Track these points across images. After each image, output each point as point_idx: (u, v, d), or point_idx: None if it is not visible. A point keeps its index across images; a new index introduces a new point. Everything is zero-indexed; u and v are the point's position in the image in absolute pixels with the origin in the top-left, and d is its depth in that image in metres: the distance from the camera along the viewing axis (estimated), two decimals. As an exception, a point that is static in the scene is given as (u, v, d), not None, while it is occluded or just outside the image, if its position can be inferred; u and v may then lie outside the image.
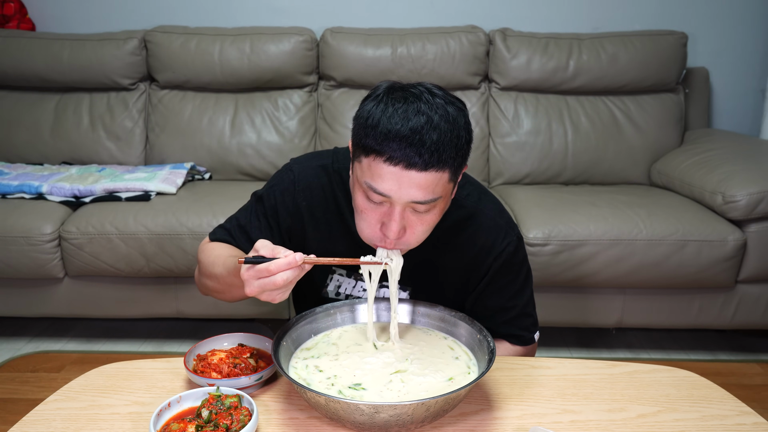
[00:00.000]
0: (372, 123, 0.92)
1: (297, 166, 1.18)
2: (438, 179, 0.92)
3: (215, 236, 1.22)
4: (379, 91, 0.96)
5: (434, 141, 0.90)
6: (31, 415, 0.95)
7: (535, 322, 1.22)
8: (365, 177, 0.95)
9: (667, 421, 0.96)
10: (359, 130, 0.95)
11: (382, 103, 0.93)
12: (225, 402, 0.89)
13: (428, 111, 0.91)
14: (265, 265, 0.89)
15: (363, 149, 0.94)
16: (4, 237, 2.06)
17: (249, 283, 0.91)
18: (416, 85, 0.96)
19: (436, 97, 0.93)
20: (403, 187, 0.92)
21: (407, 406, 0.82)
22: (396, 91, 0.95)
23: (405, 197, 0.93)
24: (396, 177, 0.91)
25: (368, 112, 0.93)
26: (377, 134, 0.91)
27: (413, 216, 0.96)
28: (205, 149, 2.58)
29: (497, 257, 1.13)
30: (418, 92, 0.93)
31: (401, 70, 2.58)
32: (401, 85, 0.96)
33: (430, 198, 0.94)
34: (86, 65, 2.58)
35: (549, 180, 2.60)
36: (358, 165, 0.96)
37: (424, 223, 0.98)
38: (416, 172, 0.90)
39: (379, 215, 0.97)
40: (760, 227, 2.06)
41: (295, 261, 0.89)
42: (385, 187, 0.93)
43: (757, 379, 2.13)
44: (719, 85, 2.86)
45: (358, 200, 0.99)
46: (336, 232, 1.16)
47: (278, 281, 0.89)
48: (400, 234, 0.97)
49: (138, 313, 2.23)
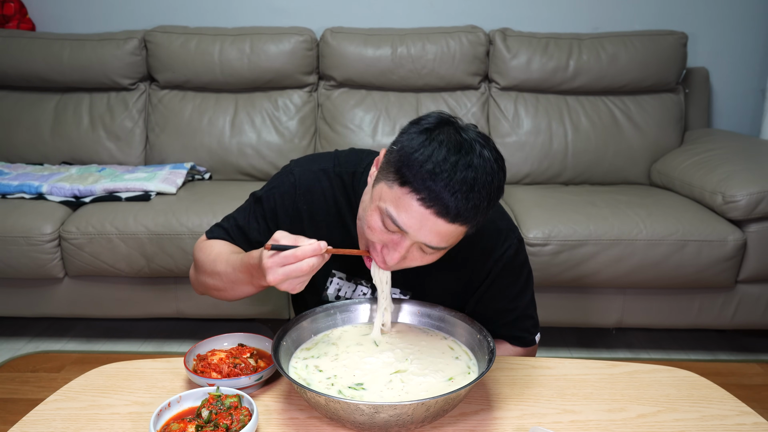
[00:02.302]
0: (419, 158, 0.88)
1: (298, 169, 1.18)
2: (459, 232, 0.92)
3: (212, 235, 1.21)
4: (431, 124, 0.93)
5: (474, 200, 0.88)
6: (31, 415, 0.95)
7: (536, 324, 1.22)
8: (389, 203, 0.92)
9: (667, 421, 0.96)
10: (402, 157, 0.91)
11: (435, 141, 0.89)
12: (225, 402, 0.89)
13: (479, 166, 0.88)
14: (291, 251, 0.90)
15: (399, 177, 0.90)
16: (4, 237, 2.06)
17: (272, 270, 0.91)
18: (467, 129, 0.93)
19: (485, 148, 0.90)
20: (423, 230, 0.91)
21: (407, 406, 0.82)
22: (448, 129, 0.91)
23: (420, 238, 0.92)
24: (421, 218, 0.90)
25: (419, 144, 0.90)
26: (422, 171, 0.88)
27: (417, 252, 0.96)
28: (205, 149, 2.58)
29: (498, 261, 1.13)
30: (470, 139, 0.90)
31: (401, 70, 2.58)
32: (454, 125, 0.93)
33: (443, 245, 0.94)
34: (86, 65, 2.58)
35: (549, 180, 2.60)
36: (387, 187, 0.93)
37: (423, 260, 0.98)
38: (443, 221, 0.89)
39: (386, 239, 0.96)
40: (760, 227, 2.06)
41: (320, 248, 0.90)
42: (406, 222, 0.91)
43: (757, 379, 2.13)
44: (719, 85, 2.86)
45: (372, 219, 0.96)
46: (336, 236, 1.16)
47: (304, 267, 0.90)
48: (398, 262, 0.97)
49: (138, 313, 2.23)
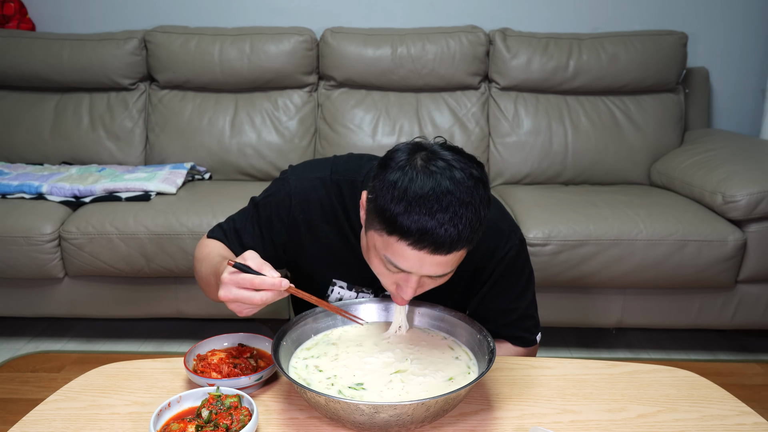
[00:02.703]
0: (396, 203, 0.87)
1: (294, 178, 1.17)
2: (459, 256, 0.93)
3: (212, 234, 1.22)
4: (401, 162, 0.91)
5: (461, 225, 0.87)
6: (31, 415, 0.95)
7: (536, 324, 1.22)
8: (385, 252, 0.93)
9: (667, 421, 0.96)
10: (381, 204, 0.90)
11: (406, 178, 0.88)
12: (225, 402, 0.89)
13: (454, 191, 0.87)
14: (250, 276, 0.89)
15: (385, 226, 0.90)
16: (4, 237, 2.06)
17: (227, 287, 0.90)
18: (436, 156, 0.90)
19: (455, 170, 0.89)
20: (425, 267, 0.91)
21: (407, 406, 0.82)
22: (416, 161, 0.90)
23: (425, 273, 0.93)
24: (419, 259, 0.90)
25: (392, 187, 0.88)
26: (403, 217, 0.87)
27: (428, 280, 0.97)
28: (205, 149, 2.58)
29: (500, 262, 1.13)
30: (439, 168, 0.88)
31: (401, 70, 2.58)
32: (421, 154, 0.91)
33: (449, 271, 0.95)
34: (86, 65, 2.58)
35: (549, 180, 2.60)
36: (378, 237, 0.93)
37: (437, 283, 0.99)
38: (440, 256, 0.90)
39: (395, 278, 0.98)
40: (760, 227, 2.06)
41: (279, 285, 0.89)
42: (407, 266, 0.92)
43: (757, 379, 2.13)
44: (719, 85, 2.86)
45: (374, 264, 0.98)
46: (336, 245, 1.16)
47: (255, 299, 0.89)
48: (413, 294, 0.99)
49: (138, 313, 2.23)
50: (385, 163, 0.93)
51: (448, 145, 0.94)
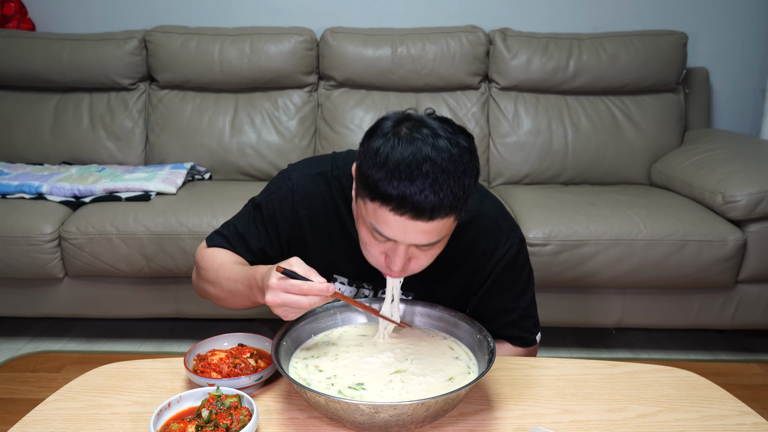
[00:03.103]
0: (378, 169, 0.89)
1: (295, 174, 1.17)
2: (444, 224, 0.92)
3: (213, 243, 1.21)
4: (386, 129, 0.92)
5: (442, 192, 0.88)
6: (31, 415, 0.95)
7: (536, 324, 1.22)
8: (370, 219, 0.94)
9: (667, 421, 0.96)
10: (366, 170, 0.91)
11: (388, 145, 0.89)
12: (225, 402, 0.89)
13: (435, 158, 0.88)
14: (300, 283, 0.91)
15: (369, 193, 0.91)
16: (4, 237, 2.06)
17: (274, 292, 0.92)
18: (421, 124, 0.91)
19: (439, 138, 0.89)
20: (409, 234, 0.92)
21: (407, 406, 0.82)
22: (402, 129, 0.91)
23: (410, 241, 0.93)
24: (402, 225, 0.90)
25: (375, 154, 0.90)
26: (384, 183, 0.88)
27: (417, 251, 0.97)
28: (205, 149, 2.58)
29: (500, 260, 1.13)
30: (423, 136, 0.89)
31: (401, 70, 2.58)
32: (407, 123, 0.92)
33: (435, 240, 0.94)
34: (86, 65, 2.58)
35: (549, 180, 2.60)
36: (363, 204, 0.94)
37: (427, 256, 0.99)
38: (423, 222, 0.90)
39: (384, 248, 0.97)
40: (760, 227, 2.06)
41: (327, 290, 0.91)
42: (391, 233, 0.92)
43: (757, 379, 2.13)
44: (719, 85, 2.86)
45: (362, 234, 0.99)
46: (337, 240, 1.16)
47: (304, 302, 0.91)
48: (404, 266, 0.98)
49: (138, 313, 2.23)
50: (372, 131, 0.95)
51: (436, 115, 0.95)
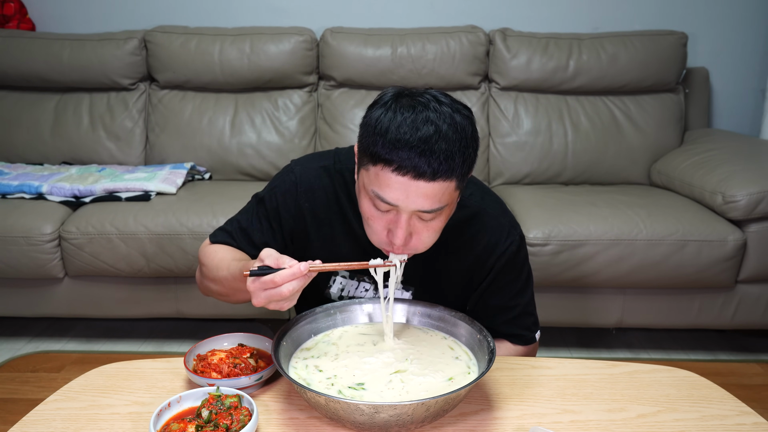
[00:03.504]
0: (380, 132, 0.91)
1: (298, 167, 1.18)
2: (445, 188, 0.93)
3: (216, 239, 1.21)
4: (387, 98, 0.95)
5: (442, 151, 0.89)
6: (31, 415, 0.95)
7: (536, 322, 1.23)
8: (372, 185, 0.95)
9: (667, 421, 0.96)
10: (367, 138, 0.94)
11: (390, 111, 0.92)
12: (225, 402, 0.89)
13: (436, 120, 0.90)
14: (269, 276, 0.90)
15: (370, 157, 0.93)
16: (4, 237, 2.06)
17: (256, 294, 0.91)
18: (423, 92, 0.95)
19: (443, 104, 0.92)
20: (411, 197, 0.92)
21: (407, 406, 0.82)
22: (403, 98, 0.94)
23: (412, 206, 0.93)
24: (404, 187, 0.91)
25: (376, 120, 0.93)
26: (385, 144, 0.90)
27: (419, 223, 0.97)
28: (205, 149, 2.58)
29: (500, 257, 1.13)
30: (425, 100, 0.92)
31: (401, 70, 2.58)
32: (409, 92, 0.96)
33: (436, 207, 0.94)
34: (86, 65, 2.58)
35: (549, 180, 2.60)
36: (365, 172, 0.96)
37: (430, 230, 0.98)
38: (424, 182, 0.90)
39: (386, 222, 0.97)
40: (760, 227, 2.06)
41: (300, 271, 0.90)
42: (393, 196, 0.93)
43: (757, 379, 2.13)
44: (719, 85, 2.86)
45: (365, 207, 0.99)
46: (339, 234, 1.16)
47: (284, 292, 0.90)
48: (406, 240, 0.98)
49: (138, 313, 2.23)
50: (372, 104, 0.97)
51: (438, 90, 0.97)
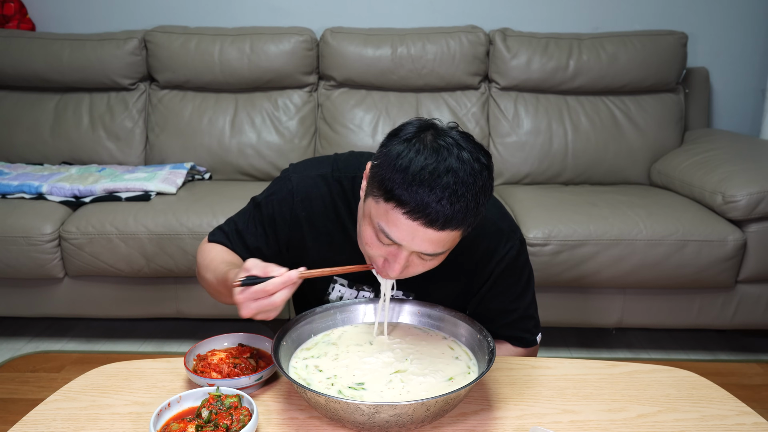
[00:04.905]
0: (399, 169, 0.89)
1: (295, 175, 1.17)
2: (452, 237, 0.92)
3: (213, 238, 1.21)
4: (410, 133, 0.93)
5: (458, 203, 0.88)
6: (31, 415, 0.95)
7: (537, 324, 1.22)
8: (380, 219, 0.93)
9: (667, 421, 0.96)
10: (384, 171, 0.91)
11: (413, 149, 0.90)
12: (225, 402, 0.89)
13: (458, 170, 0.88)
14: (261, 286, 0.89)
15: (384, 193, 0.91)
16: (4, 237, 2.06)
17: (245, 305, 0.90)
18: (448, 131, 0.92)
19: (464, 150, 0.90)
20: (416, 240, 0.91)
21: (407, 406, 0.82)
22: (428, 134, 0.91)
23: (415, 248, 0.93)
24: (411, 230, 0.90)
25: (397, 156, 0.90)
26: (403, 184, 0.88)
27: (417, 260, 0.97)
28: (205, 149, 2.58)
29: (499, 262, 1.13)
30: (448, 144, 0.90)
31: (401, 70, 2.58)
32: (434, 128, 0.93)
33: (439, 252, 0.94)
34: (86, 65, 2.58)
35: (549, 180, 2.60)
36: (374, 204, 0.94)
37: (426, 266, 0.99)
38: (433, 230, 0.89)
39: (385, 252, 0.97)
40: (760, 227, 2.06)
41: (291, 278, 0.90)
42: (398, 236, 0.92)
43: (757, 379, 2.13)
44: (719, 85, 2.86)
45: (366, 234, 0.98)
46: (337, 242, 1.16)
47: (276, 301, 0.90)
48: (400, 272, 0.97)
49: (138, 313, 2.23)
50: (395, 133, 0.95)
51: (459, 129, 0.95)
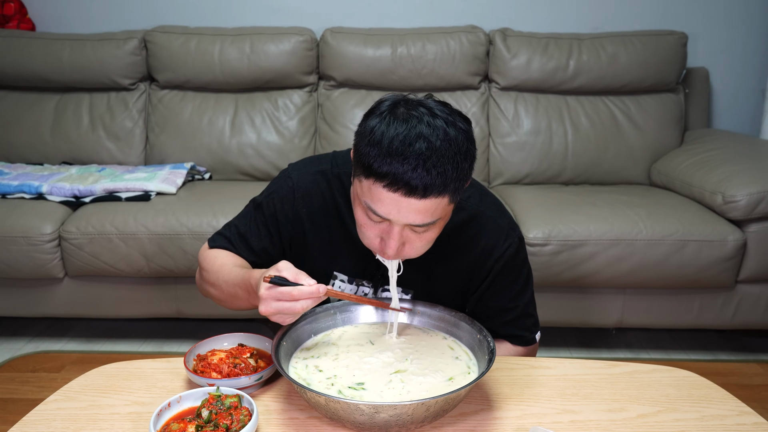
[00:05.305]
0: (372, 144, 0.90)
1: (296, 172, 1.18)
2: (437, 204, 0.92)
3: (215, 244, 1.21)
4: (383, 108, 0.94)
5: (434, 168, 0.88)
6: (31, 415, 0.95)
7: (536, 323, 1.22)
8: (365, 197, 0.94)
9: (667, 421, 0.96)
10: (361, 149, 0.93)
11: (384, 122, 0.91)
12: (225, 402, 0.89)
13: (429, 135, 0.89)
14: (289, 289, 0.90)
15: (363, 170, 0.93)
16: (4, 237, 2.05)
17: (266, 302, 0.91)
18: (420, 103, 0.93)
19: (437, 118, 0.91)
20: (402, 212, 0.92)
21: (407, 406, 0.82)
22: (399, 108, 0.93)
23: (403, 221, 0.93)
24: (395, 202, 0.91)
25: (370, 131, 0.92)
26: (377, 158, 0.89)
27: (412, 234, 0.97)
28: (205, 149, 2.58)
29: (498, 259, 1.13)
30: (419, 113, 0.91)
31: (401, 70, 2.58)
32: (406, 102, 0.94)
33: (428, 221, 0.94)
34: (86, 65, 2.58)
35: (549, 180, 2.60)
36: (359, 183, 0.96)
37: (423, 240, 0.99)
38: (415, 199, 0.90)
39: (378, 231, 0.98)
40: (760, 227, 2.06)
41: (318, 292, 0.91)
42: (384, 210, 0.93)
43: (757, 379, 2.13)
44: (719, 85, 2.86)
45: (358, 215, 1.00)
46: (337, 238, 1.16)
47: (297, 308, 0.91)
48: (399, 249, 0.98)
49: (138, 313, 2.23)
50: (369, 112, 0.96)
51: (436, 99, 0.96)
